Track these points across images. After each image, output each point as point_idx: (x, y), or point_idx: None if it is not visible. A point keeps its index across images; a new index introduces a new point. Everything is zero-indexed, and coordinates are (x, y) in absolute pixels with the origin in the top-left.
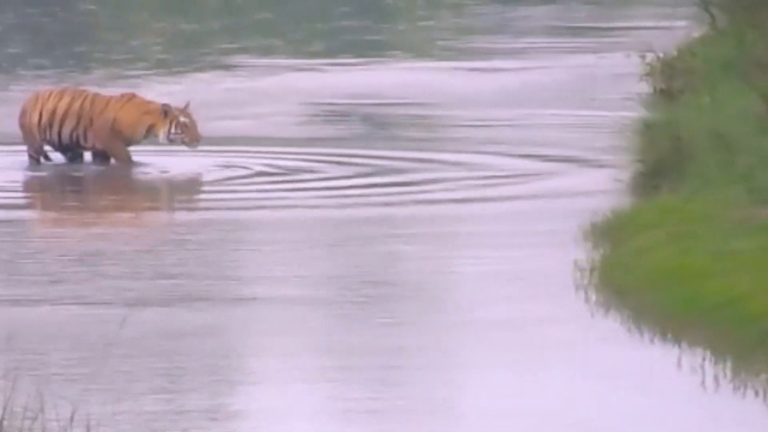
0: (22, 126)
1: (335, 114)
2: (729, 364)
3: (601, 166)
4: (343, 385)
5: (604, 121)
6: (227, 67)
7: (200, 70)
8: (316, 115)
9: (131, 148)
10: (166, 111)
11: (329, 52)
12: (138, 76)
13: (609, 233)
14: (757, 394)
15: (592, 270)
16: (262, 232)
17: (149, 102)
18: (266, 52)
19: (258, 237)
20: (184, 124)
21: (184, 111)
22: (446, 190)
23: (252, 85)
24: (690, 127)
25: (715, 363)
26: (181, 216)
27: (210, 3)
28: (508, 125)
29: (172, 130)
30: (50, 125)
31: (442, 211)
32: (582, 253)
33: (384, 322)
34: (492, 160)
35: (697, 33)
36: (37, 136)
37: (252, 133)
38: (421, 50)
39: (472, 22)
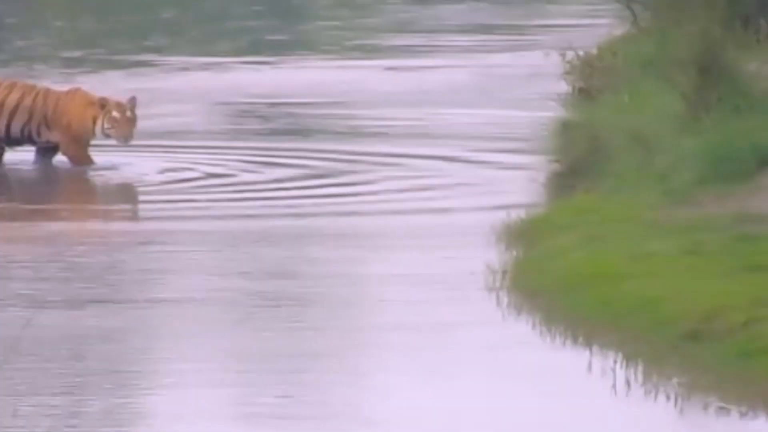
0: None
1: (246, 114)
2: (640, 368)
3: (517, 166)
4: (252, 389)
5: (522, 120)
6: (131, 66)
7: (103, 69)
8: (226, 115)
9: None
10: (103, 104)
11: (237, 51)
12: (36, 77)
13: (523, 234)
14: (668, 398)
15: (504, 272)
16: (175, 236)
17: (93, 95)
18: (172, 51)
19: (171, 240)
20: (115, 119)
21: (120, 105)
22: (358, 190)
23: (157, 84)
24: (608, 126)
25: (627, 366)
26: (97, 219)
27: (114, 1)
28: (424, 124)
29: (105, 125)
30: None
31: (354, 213)
32: (495, 255)
33: (294, 325)
34: (408, 160)
35: (619, 31)
36: None
37: (160, 132)
38: (333, 49)
39: (384, 21)
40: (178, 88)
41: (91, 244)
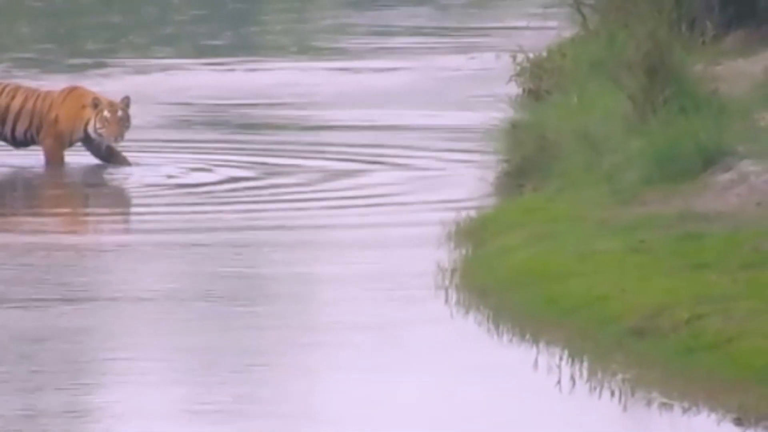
0: None
1: (197, 116)
2: (585, 364)
3: (466, 166)
4: (205, 387)
5: (471, 121)
6: (71, 70)
7: (44, 73)
8: (176, 117)
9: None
10: (95, 104)
11: (181, 55)
12: None
13: (472, 234)
14: (612, 394)
15: (453, 271)
16: (130, 239)
17: (88, 96)
18: (114, 54)
19: (126, 243)
20: (106, 119)
21: (113, 105)
22: (308, 190)
23: (101, 88)
24: (556, 127)
25: (572, 363)
26: (55, 220)
27: (54, 6)
28: (375, 125)
29: (97, 125)
30: (3, 122)
31: (306, 212)
32: (444, 254)
33: (246, 324)
34: (359, 161)
35: (568, 33)
36: None
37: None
38: (281, 52)
39: (327, 25)
40: (123, 91)
41: (46, 246)
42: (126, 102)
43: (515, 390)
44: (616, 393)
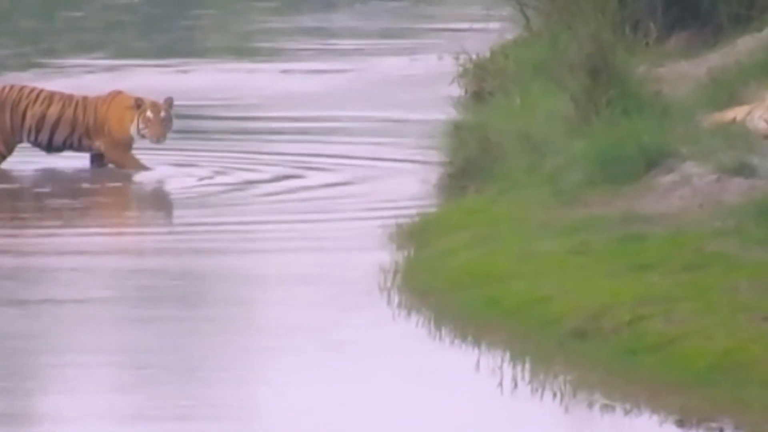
0: None
1: None
2: (527, 366)
3: (409, 167)
4: (147, 391)
5: (414, 122)
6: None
7: None
8: None
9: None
10: (138, 104)
11: (109, 57)
12: None
13: (415, 235)
14: (554, 396)
15: (395, 273)
16: (74, 242)
17: (131, 98)
18: (34, 57)
19: (69, 245)
20: (149, 119)
21: (156, 106)
22: (249, 194)
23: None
24: (499, 128)
25: (514, 365)
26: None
27: None
28: (318, 127)
29: (140, 125)
30: (38, 131)
31: (247, 213)
32: (387, 256)
33: (190, 326)
34: (302, 162)
35: (512, 35)
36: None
37: None
38: (217, 54)
39: (260, 28)
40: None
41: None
42: (169, 103)
43: (457, 392)
44: (558, 394)
